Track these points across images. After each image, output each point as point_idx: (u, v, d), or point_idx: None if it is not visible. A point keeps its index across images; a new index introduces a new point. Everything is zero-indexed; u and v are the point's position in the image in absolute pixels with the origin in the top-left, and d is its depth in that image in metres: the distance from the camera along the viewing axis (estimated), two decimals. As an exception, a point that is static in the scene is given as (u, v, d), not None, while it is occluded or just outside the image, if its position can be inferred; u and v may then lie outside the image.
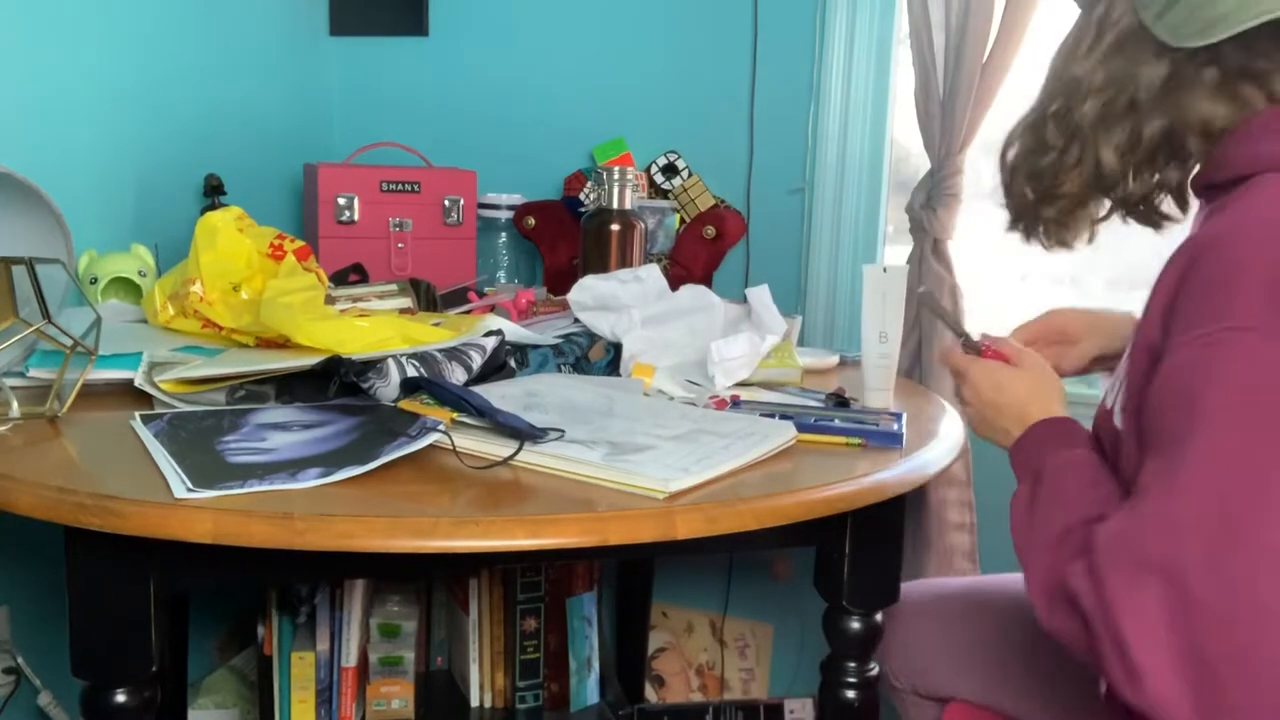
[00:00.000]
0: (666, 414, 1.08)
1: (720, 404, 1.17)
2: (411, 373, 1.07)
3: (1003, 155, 0.99)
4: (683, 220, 1.83)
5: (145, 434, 0.97)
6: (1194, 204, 0.93)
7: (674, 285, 1.44)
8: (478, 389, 1.07)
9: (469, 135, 2.02)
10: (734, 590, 1.98)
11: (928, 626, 1.22)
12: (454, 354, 1.13)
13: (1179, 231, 0.92)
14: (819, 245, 1.82)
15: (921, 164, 1.68)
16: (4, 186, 1.13)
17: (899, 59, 1.76)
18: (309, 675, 1.54)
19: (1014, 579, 1.21)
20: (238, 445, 0.94)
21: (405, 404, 1.04)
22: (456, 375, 1.12)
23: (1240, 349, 0.71)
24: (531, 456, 0.93)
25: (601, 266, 1.53)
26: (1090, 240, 1.00)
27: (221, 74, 1.79)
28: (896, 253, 1.83)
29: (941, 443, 1.12)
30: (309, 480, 0.85)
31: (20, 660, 1.47)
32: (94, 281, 1.41)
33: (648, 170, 1.88)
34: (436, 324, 1.22)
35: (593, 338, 1.32)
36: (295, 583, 1.52)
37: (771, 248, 1.86)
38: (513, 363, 1.22)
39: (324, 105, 2.07)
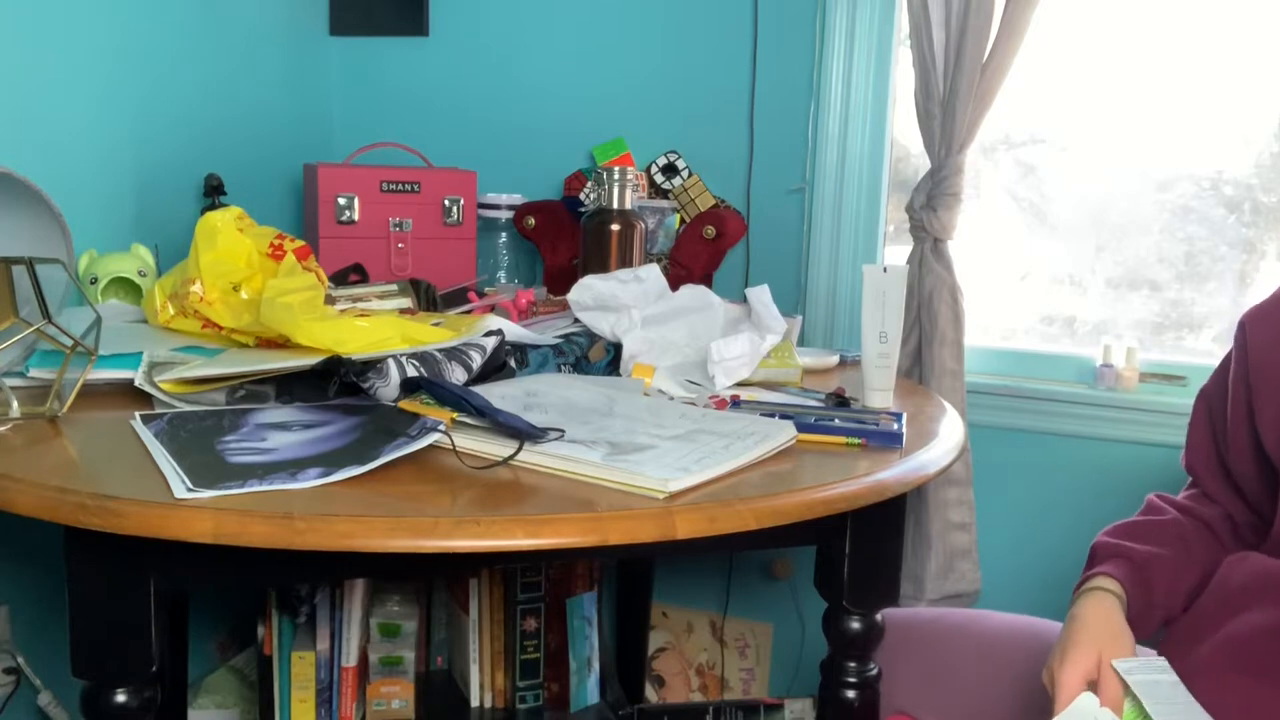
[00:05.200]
0: (666, 414, 1.08)
1: (720, 404, 1.17)
2: (411, 373, 1.07)
3: None
4: (683, 220, 1.83)
5: (145, 434, 0.97)
6: None
7: (674, 285, 1.44)
8: (478, 389, 1.07)
9: (469, 135, 2.02)
10: (734, 590, 1.98)
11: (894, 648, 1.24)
12: (454, 354, 1.13)
13: (1182, 233, 0.91)
14: (819, 245, 1.82)
15: (921, 164, 1.68)
16: (4, 186, 1.13)
17: (899, 59, 1.76)
18: (309, 675, 1.54)
19: (994, 616, 1.24)
20: (238, 445, 0.94)
21: (405, 404, 1.04)
22: (456, 375, 1.12)
23: None
24: (531, 456, 0.93)
25: (601, 266, 1.53)
26: None
27: (221, 74, 1.79)
28: (896, 253, 1.83)
29: (941, 443, 1.12)
30: (309, 480, 0.85)
31: (20, 660, 1.48)
32: (94, 281, 1.41)
33: (648, 170, 1.88)
34: (436, 324, 1.22)
35: (593, 338, 1.32)
36: (295, 583, 1.52)
37: (771, 248, 1.86)
38: (513, 363, 1.22)
39: (324, 105, 2.07)
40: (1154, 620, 1.04)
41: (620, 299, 1.34)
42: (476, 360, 1.14)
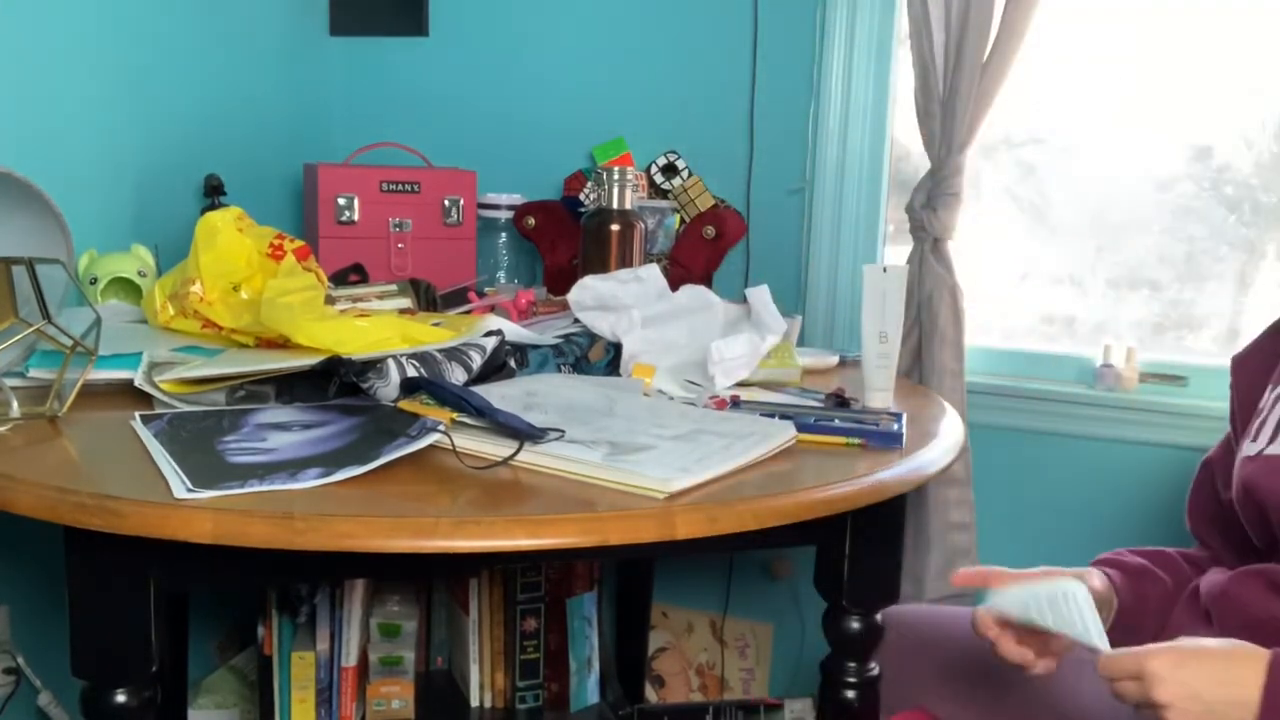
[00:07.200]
0: (666, 414, 1.08)
1: (720, 404, 1.17)
2: (411, 373, 1.07)
3: None
4: (683, 220, 1.83)
5: (145, 434, 0.97)
6: None
7: (674, 285, 1.44)
8: (478, 389, 1.07)
9: (469, 135, 2.02)
10: (734, 590, 1.98)
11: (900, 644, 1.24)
12: (454, 354, 1.13)
13: (1182, 233, 0.90)
14: (819, 245, 1.82)
15: (921, 164, 1.67)
16: (4, 186, 1.13)
17: (899, 59, 1.76)
18: (309, 675, 1.54)
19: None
20: (238, 445, 0.94)
21: (405, 404, 1.04)
22: (456, 375, 1.12)
23: None
24: (531, 456, 0.93)
25: (601, 266, 1.53)
26: None
27: (221, 74, 1.79)
28: (896, 253, 1.83)
29: (941, 442, 1.12)
30: (309, 480, 0.85)
31: (20, 660, 1.48)
32: (94, 281, 1.41)
33: (648, 170, 1.88)
34: (436, 324, 1.22)
35: (593, 338, 1.32)
36: (295, 583, 1.52)
37: (771, 248, 1.86)
38: (513, 363, 1.22)
39: (324, 105, 2.07)
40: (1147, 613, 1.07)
41: (620, 299, 1.34)
42: (476, 360, 1.14)
